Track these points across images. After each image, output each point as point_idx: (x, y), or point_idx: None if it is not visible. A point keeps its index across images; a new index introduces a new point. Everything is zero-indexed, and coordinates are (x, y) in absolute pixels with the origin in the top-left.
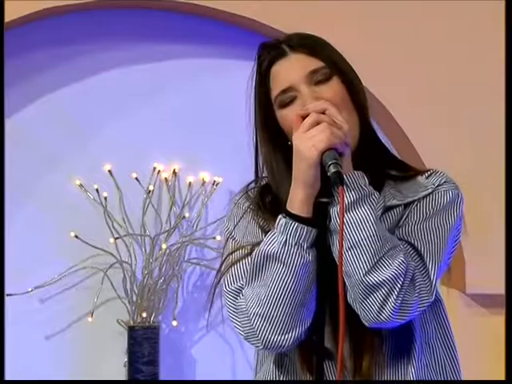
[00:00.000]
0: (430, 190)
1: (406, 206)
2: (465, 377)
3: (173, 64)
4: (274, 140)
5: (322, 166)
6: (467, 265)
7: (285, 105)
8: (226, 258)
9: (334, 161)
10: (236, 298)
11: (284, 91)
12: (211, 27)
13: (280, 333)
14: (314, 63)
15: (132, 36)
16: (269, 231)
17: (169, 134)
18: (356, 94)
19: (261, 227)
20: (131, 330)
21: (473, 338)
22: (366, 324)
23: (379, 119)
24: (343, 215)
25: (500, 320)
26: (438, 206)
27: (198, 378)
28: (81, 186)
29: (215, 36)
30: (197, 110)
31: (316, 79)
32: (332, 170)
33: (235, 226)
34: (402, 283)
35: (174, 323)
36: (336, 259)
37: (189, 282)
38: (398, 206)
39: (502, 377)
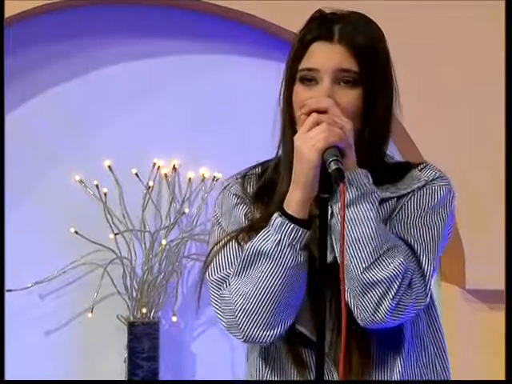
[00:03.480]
0: (423, 183)
1: (399, 198)
2: (465, 373)
3: (173, 60)
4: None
5: (324, 164)
6: (467, 261)
7: (303, 80)
8: (212, 247)
9: (334, 158)
10: (220, 288)
11: (310, 70)
12: (211, 23)
13: (262, 329)
14: (350, 63)
15: (131, 32)
16: (252, 219)
17: (169, 130)
18: (372, 110)
19: (246, 215)
20: (131, 326)
21: (473, 333)
22: (361, 324)
23: None
24: (344, 212)
25: (500, 315)
26: (432, 201)
27: (198, 373)
28: (81, 181)
29: (215, 32)
30: (197, 105)
31: (342, 79)
32: (333, 166)
33: (223, 213)
34: (400, 284)
35: (174, 319)
36: (336, 255)
37: (189, 278)
38: (390, 198)
39: (501, 373)
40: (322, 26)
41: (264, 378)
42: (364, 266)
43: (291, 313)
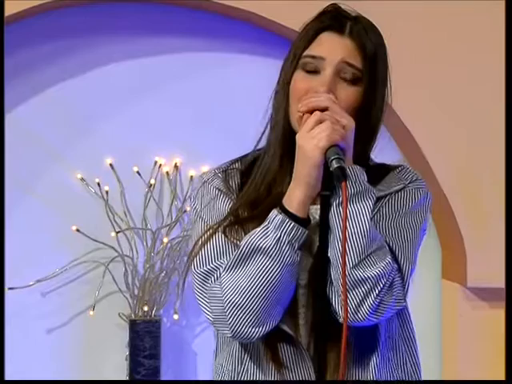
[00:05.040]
0: (401, 186)
1: (378, 200)
2: (465, 372)
3: (174, 58)
4: (288, 114)
5: (326, 162)
6: (468, 259)
7: (305, 68)
8: (197, 240)
9: (336, 156)
10: (206, 281)
11: (314, 57)
12: (212, 21)
13: (252, 325)
14: (355, 59)
15: (133, 30)
16: (236, 213)
17: (170, 128)
18: (368, 109)
19: (230, 209)
20: (133, 324)
21: (473, 331)
22: (342, 321)
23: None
24: (346, 210)
25: (500, 313)
26: (410, 203)
27: (200, 371)
28: (82, 179)
29: (217, 30)
30: (198, 103)
31: (344, 74)
32: (335, 165)
33: (204, 206)
34: (384, 284)
35: (176, 317)
36: (329, 252)
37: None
38: None
39: (502, 371)
40: (334, 18)
41: (240, 375)
42: (354, 263)
43: (280, 311)
